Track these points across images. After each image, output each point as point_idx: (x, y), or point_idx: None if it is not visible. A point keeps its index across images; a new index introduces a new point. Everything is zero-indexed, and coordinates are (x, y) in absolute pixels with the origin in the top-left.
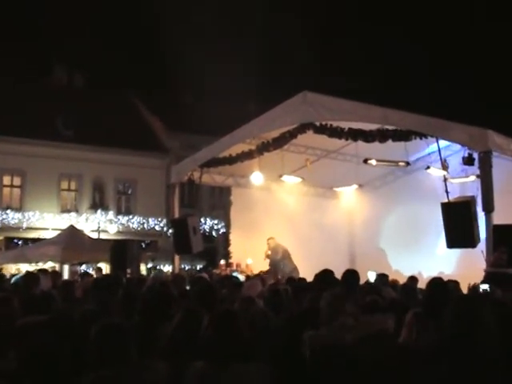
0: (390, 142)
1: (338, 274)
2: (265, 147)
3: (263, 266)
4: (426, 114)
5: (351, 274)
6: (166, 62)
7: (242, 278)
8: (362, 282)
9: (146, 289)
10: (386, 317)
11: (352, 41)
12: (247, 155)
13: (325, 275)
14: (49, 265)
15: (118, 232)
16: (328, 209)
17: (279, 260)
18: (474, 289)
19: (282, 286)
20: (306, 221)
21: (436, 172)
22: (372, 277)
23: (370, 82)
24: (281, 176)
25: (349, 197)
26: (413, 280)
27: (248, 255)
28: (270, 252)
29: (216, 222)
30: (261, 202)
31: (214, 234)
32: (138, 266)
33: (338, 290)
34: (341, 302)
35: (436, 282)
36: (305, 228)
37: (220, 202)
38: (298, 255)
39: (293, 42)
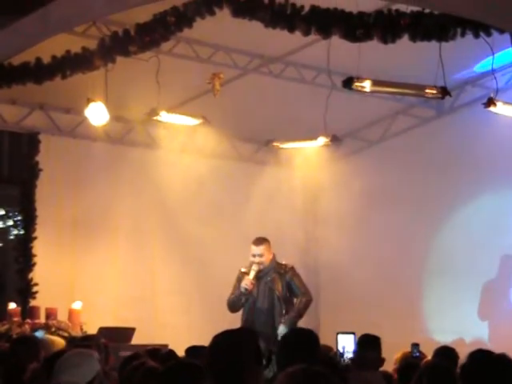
0: (404, 40)
1: None
2: (119, 46)
3: (109, 313)
4: None
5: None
6: None
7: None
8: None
9: None
10: None
11: None
12: (78, 63)
13: None
14: None
15: None
16: (260, 188)
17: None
18: None
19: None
20: (212, 214)
21: (508, 111)
22: (346, 344)
23: None
24: (154, 113)
25: (308, 163)
26: (446, 354)
27: (76, 292)
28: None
29: (2, 213)
30: (106, 169)
31: None
32: None
33: None
34: None
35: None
36: (207, 231)
37: (12, 169)
38: (191, 291)
39: None
